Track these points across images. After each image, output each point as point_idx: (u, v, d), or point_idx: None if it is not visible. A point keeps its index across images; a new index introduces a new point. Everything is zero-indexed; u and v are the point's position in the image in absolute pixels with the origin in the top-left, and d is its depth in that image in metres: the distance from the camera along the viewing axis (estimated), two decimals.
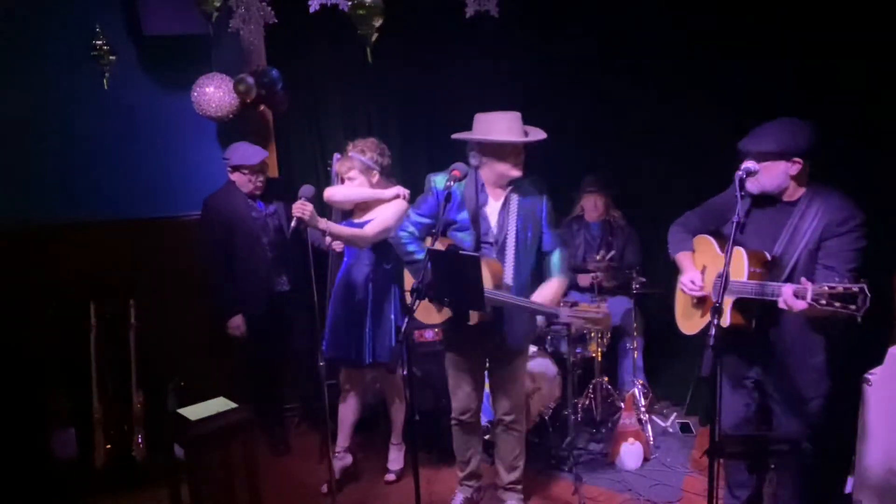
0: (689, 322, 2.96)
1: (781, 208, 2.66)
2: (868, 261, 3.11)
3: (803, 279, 2.36)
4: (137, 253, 4.07)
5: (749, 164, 2.56)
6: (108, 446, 3.87)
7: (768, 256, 2.60)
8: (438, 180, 3.02)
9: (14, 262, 3.84)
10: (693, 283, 2.81)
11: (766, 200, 2.69)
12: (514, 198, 3.03)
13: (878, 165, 3.18)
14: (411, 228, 3.10)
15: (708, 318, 2.72)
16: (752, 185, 2.63)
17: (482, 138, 2.94)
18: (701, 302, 2.87)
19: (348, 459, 3.76)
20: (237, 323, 3.86)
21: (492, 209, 3.05)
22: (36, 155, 3.92)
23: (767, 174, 2.59)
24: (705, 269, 2.86)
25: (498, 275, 2.97)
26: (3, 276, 3.81)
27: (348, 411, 3.71)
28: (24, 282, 3.84)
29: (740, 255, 2.62)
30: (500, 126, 2.92)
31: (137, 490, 3.64)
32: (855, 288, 2.17)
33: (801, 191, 2.63)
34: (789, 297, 2.35)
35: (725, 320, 2.63)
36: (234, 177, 3.82)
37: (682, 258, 2.92)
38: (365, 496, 3.64)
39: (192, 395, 3.46)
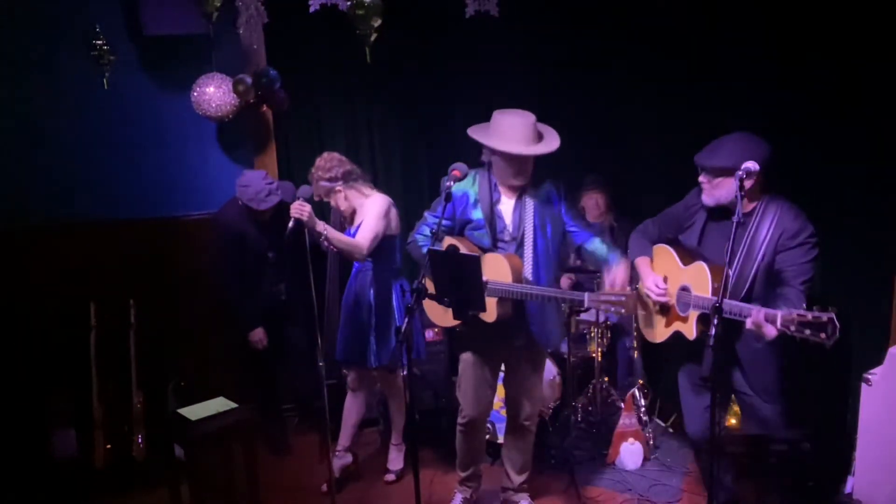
0: (654, 330, 2.98)
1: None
2: (868, 260, 3.13)
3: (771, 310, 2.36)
4: (137, 253, 4.07)
5: (749, 165, 2.55)
6: (108, 446, 3.87)
7: (729, 271, 2.61)
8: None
9: (14, 262, 3.84)
10: (657, 286, 2.83)
11: (721, 213, 2.75)
12: (530, 194, 2.99)
13: (881, 166, 3.17)
14: (427, 231, 3.09)
15: (674, 327, 2.84)
16: (708, 198, 2.71)
17: (483, 141, 2.91)
18: (664, 310, 2.90)
19: (348, 458, 3.76)
20: (258, 336, 3.86)
21: (506, 207, 3.01)
22: (36, 155, 3.92)
23: (721, 188, 2.65)
24: (666, 279, 2.88)
25: (518, 269, 2.91)
26: (3, 276, 3.81)
27: (352, 411, 3.71)
28: (24, 282, 3.84)
29: (703, 270, 2.68)
30: (506, 130, 2.87)
31: (137, 490, 3.64)
32: (824, 318, 2.19)
33: (754, 204, 2.68)
34: (760, 320, 2.36)
35: (692, 333, 2.71)
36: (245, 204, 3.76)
37: (642, 263, 2.95)
38: (365, 496, 3.64)
39: (192, 395, 3.47)
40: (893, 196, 3.07)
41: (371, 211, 3.39)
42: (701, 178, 2.71)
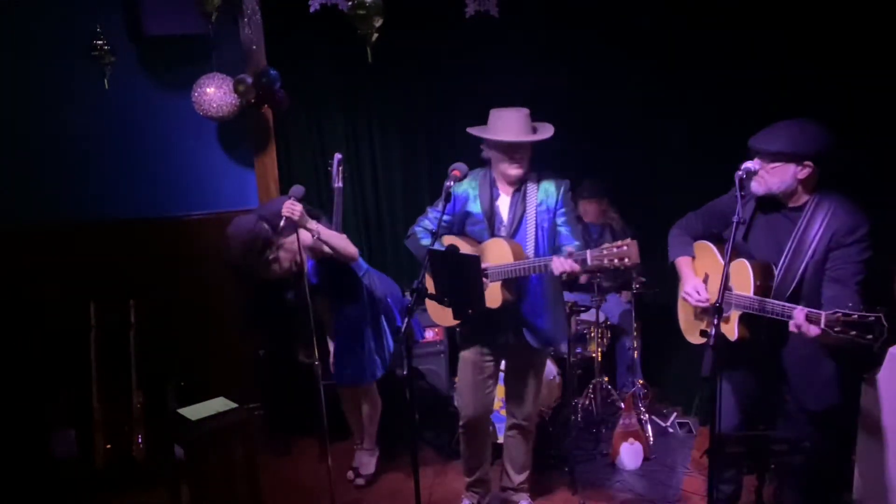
0: (694, 333, 2.89)
1: (786, 214, 2.58)
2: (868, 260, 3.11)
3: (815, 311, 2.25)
4: (137, 253, 4.07)
5: (749, 164, 2.52)
6: (108, 446, 3.87)
7: (775, 269, 2.51)
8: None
9: (14, 262, 3.84)
10: (698, 293, 2.70)
11: (770, 205, 2.61)
12: (531, 189, 3.00)
13: (879, 162, 3.17)
14: (427, 224, 3.11)
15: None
16: (758, 186, 2.54)
17: (477, 134, 2.97)
18: (705, 312, 2.77)
19: (377, 452, 3.81)
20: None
21: (504, 203, 3.04)
22: (36, 155, 3.91)
23: (775, 175, 2.49)
24: (707, 278, 2.77)
25: (519, 253, 2.91)
26: (3, 276, 3.81)
27: (375, 411, 3.74)
28: (24, 282, 3.84)
29: (745, 268, 2.53)
30: (501, 123, 2.93)
31: (137, 490, 3.64)
32: (871, 317, 2.08)
33: (807, 196, 2.54)
34: (801, 321, 2.26)
35: (733, 334, 2.57)
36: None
37: (682, 264, 2.83)
38: (365, 497, 3.64)
39: (192, 395, 3.47)
40: (893, 195, 3.06)
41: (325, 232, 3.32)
42: (752, 164, 2.51)
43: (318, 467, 3.81)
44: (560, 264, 2.71)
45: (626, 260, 2.58)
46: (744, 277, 2.53)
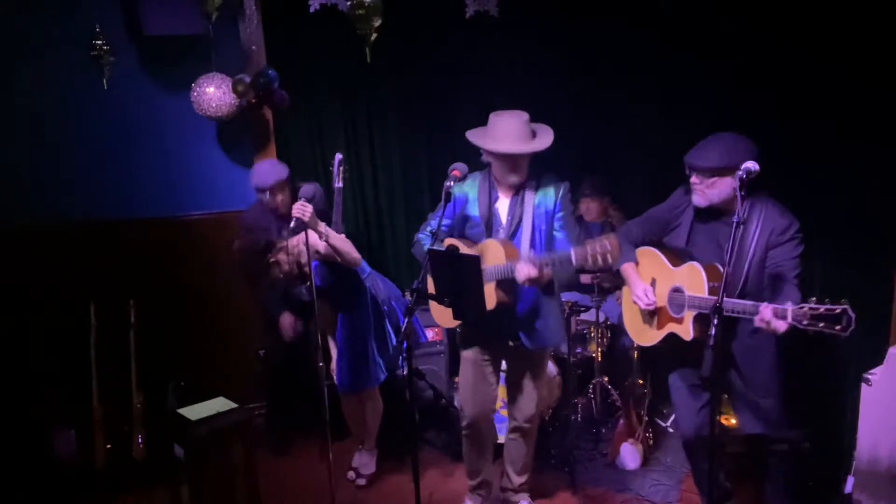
0: (645, 335, 2.99)
1: (725, 220, 2.69)
2: (868, 260, 3.12)
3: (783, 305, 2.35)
4: (137, 253, 4.07)
5: (749, 164, 2.54)
6: (108, 446, 3.87)
7: (722, 270, 2.60)
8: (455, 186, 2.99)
9: (14, 262, 3.84)
10: (647, 295, 2.84)
11: (708, 214, 2.76)
12: (530, 192, 2.99)
13: (881, 162, 3.17)
14: (429, 229, 3.10)
15: (665, 330, 2.85)
16: (700, 199, 2.71)
17: (476, 142, 2.94)
18: (653, 315, 2.91)
19: (376, 452, 3.82)
20: (288, 322, 3.82)
21: (503, 206, 3.03)
22: (36, 155, 3.91)
23: (714, 188, 2.66)
24: (655, 282, 2.88)
25: (514, 257, 2.90)
26: (3, 276, 3.81)
27: (375, 414, 3.74)
28: (24, 282, 3.84)
29: (697, 271, 2.68)
30: (498, 131, 2.90)
31: (137, 490, 3.65)
32: (837, 309, 2.19)
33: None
34: (769, 317, 2.35)
35: (688, 334, 2.71)
36: (259, 196, 3.76)
37: (628, 269, 2.96)
38: (365, 497, 3.64)
39: (192, 395, 3.47)
40: (893, 196, 3.07)
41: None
42: (693, 179, 2.71)
43: (318, 467, 3.81)
44: (523, 270, 2.72)
45: (610, 259, 2.57)
46: (697, 279, 2.68)
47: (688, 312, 2.71)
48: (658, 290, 2.86)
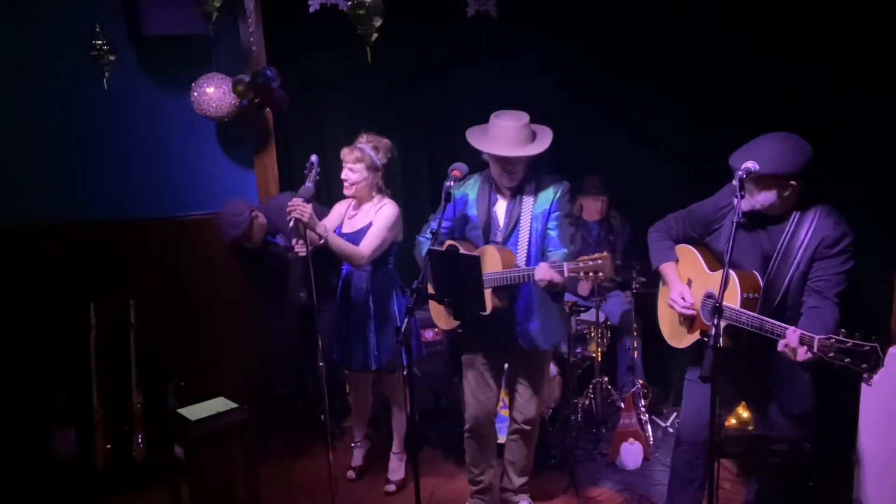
0: (678, 338, 2.86)
1: (770, 226, 2.56)
2: (868, 260, 3.12)
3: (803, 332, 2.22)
4: (137, 253, 4.07)
5: (750, 164, 2.51)
6: (108, 446, 3.87)
7: (760, 280, 2.49)
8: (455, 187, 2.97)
9: (14, 262, 3.84)
10: (683, 299, 2.68)
11: (754, 219, 2.57)
12: (529, 193, 2.97)
13: (876, 163, 3.17)
14: (430, 231, 3.08)
15: (696, 336, 2.68)
16: (743, 203, 2.48)
17: (474, 144, 2.92)
18: (688, 318, 2.75)
19: (367, 445, 3.84)
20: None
21: (501, 207, 3.02)
22: (36, 155, 3.91)
23: (759, 194, 2.48)
24: (690, 283, 2.75)
25: (509, 261, 2.90)
26: (3, 276, 3.81)
27: (364, 407, 3.76)
28: (24, 282, 3.84)
29: (731, 278, 2.47)
30: (497, 133, 2.88)
31: (137, 490, 3.64)
32: (866, 347, 2.04)
33: (790, 208, 2.52)
34: (794, 343, 2.22)
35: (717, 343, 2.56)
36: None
37: (667, 269, 2.80)
38: (365, 497, 3.64)
39: (192, 395, 3.47)
40: (893, 196, 3.07)
41: (382, 220, 3.34)
42: (752, 164, 2.41)
43: (318, 467, 3.82)
44: (542, 272, 2.69)
45: (601, 273, 2.58)
46: (730, 288, 2.46)
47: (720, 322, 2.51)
48: (693, 292, 2.70)
